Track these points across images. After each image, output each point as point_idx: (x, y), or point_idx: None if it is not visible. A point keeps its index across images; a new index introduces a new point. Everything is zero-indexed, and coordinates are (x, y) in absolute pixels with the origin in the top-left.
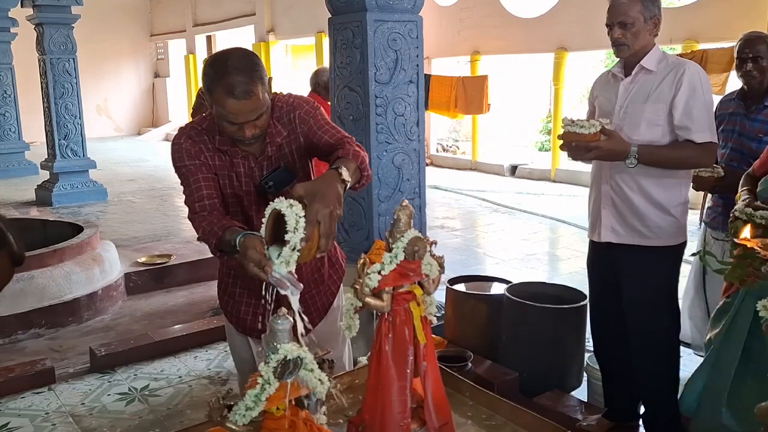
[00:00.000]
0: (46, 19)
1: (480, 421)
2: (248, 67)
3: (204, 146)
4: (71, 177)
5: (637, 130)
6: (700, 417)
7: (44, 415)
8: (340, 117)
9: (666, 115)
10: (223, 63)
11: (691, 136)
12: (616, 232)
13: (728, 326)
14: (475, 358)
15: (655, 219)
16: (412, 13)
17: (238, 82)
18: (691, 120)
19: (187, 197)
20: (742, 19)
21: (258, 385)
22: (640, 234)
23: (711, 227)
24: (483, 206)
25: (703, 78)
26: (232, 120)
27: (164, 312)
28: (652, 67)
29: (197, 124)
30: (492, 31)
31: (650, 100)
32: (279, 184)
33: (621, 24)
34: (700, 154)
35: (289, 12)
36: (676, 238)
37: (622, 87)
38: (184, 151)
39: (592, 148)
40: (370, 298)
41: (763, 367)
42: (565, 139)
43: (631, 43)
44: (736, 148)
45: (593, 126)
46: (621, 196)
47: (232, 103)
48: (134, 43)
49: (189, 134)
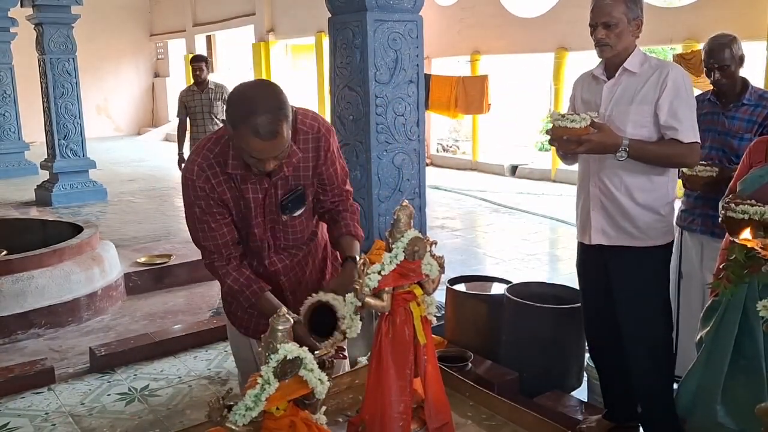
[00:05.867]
0: (45, 19)
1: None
2: (275, 107)
3: (215, 179)
4: (71, 177)
5: (623, 131)
6: (695, 417)
7: (44, 415)
8: (340, 117)
9: (651, 116)
10: (250, 101)
11: (677, 136)
12: (607, 234)
13: (718, 324)
14: (475, 358)
15: (645, 219)
16: (412, 13)
17: (265, 122)
18: (678, 120)
19: (201, 240)
20: (742, 19)
21: (258, 385)
22: (630, 235)
23: (689, 230)
24: (483, 206)
25: (686, 79)
26: (255, 156)
27: (164, 312)
28: (635, 69)
29: (209, 150)
30: (492, 31)
31: (635, 101)
32: (294, 207)
33: (605, 24)
34: (686, 152)
35: (289, 12)
36: (665, 237)
37: (606, 89)
38: (198, 189)
39: (583, 142)
40: (370, 298)
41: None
42: (555, 134)
43: (615, 43)
44: (716, 147)
45: (584, 120)
46: (609, 197)
47: (257, 142)
48: (134, 43)
49: (201, 167)
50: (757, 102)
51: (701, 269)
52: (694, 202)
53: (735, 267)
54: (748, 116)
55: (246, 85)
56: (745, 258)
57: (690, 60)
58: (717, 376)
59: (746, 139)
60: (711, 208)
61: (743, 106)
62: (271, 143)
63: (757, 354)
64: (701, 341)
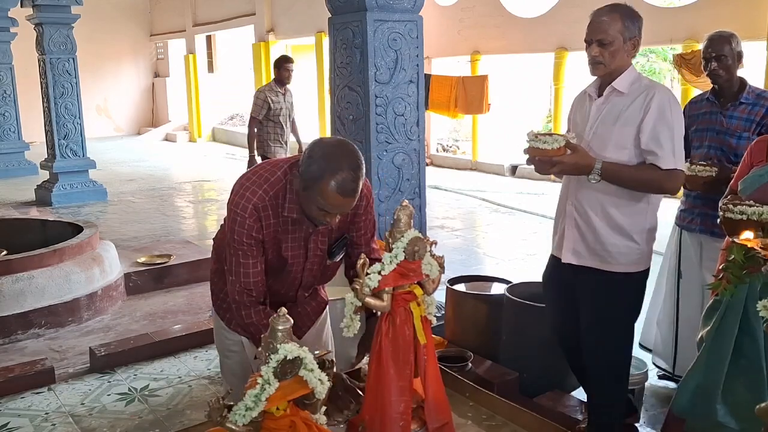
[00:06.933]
0: (45, 19)
1: (480, 421)
2: (357, 166)
3: (266, 221)
4: (71, 177)
5: (604, 151)
6: (695, 416)
7: (44, 415)
8: (340, 117)
9: (634, 138)
10: (336, 158)
11: (657, 162)
12: (578, 254)
13: (718, 324)
14: (475, 358)
15: (617, 244)
16: (412, 13)
17: (348, 180)
18: (658, 145)
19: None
20: (742, 19)
21: (258, 385)
22: (601, 258)
23: (688, 230)
24: (483, 206)
25: (672, 103)
26: (329, 210)
27: (164, 312)
28: (623, 89)
29: (265, 192)
30: (492, 31)
31: (619, 122)
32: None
33: (600, 42)
34: (664, 179)
35: (289, 12)
36: (638, 265)
37: (594, 107)
38: (249, 229)
39: (555, 163)
40: (370, 298)
41: (756, 363)
42: (529, 153)
43: (608, 62)
44: (714, 146)
45: (556, 141)
46: (584, 218)
47: (338, 199)
48: (134, 43)
49: (256, 207)
50: (755, 101)
51: (700, 269)
52: (694, 201)
53: (734, 267)
54: (747, 115)
55: (328, 142)
56: (744, 258)
57: (690, 60)
58: (717, 376)
59: (745, 138)
60: (710, 207)
61: (741, 105)
62: (350, 200)
63: (758, 354)
64: (702, 341)
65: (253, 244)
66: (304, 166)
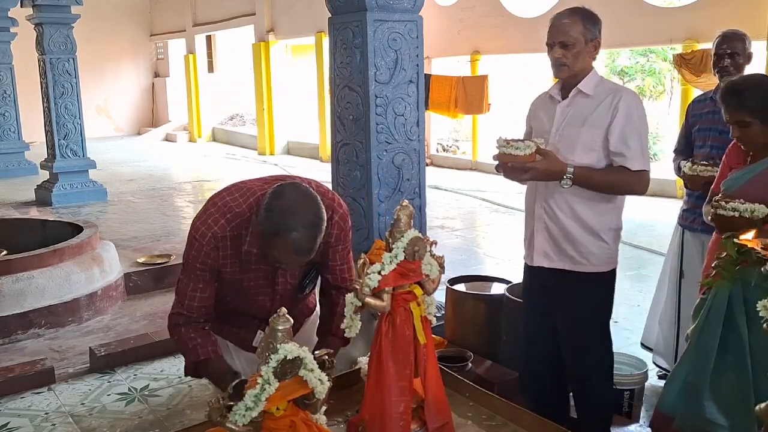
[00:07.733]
0: (45, 19)
1: (480, 421)
2: (314, 224)
3: (224, 251)
4: (71, 177)
5: (572, 153)
6: (684, 414)
7: (44, 415)
8: (339, 117)
9: (602, 141)
10: (291, 215)
11: (626, 163)
12: (549, 256)
13: (703, 321)
14: (475, 358)
15: (587, 244)
16: (412, 13)
17: (303, 240)
18: (627, 147)
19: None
20: (742, 19)
21: (258, 385)
22: (571, 259)
23: (690, 229)
24: (483, 206)
25: (638, 105)
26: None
27: (164, 312)
28: (589, 91)
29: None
30: (492, 31)
31: (587, 124)
32: (311, 284)
33: (562, 44)
34: (634, 181)
35: (289, 12)
36: (607, 264)
37: (559, 109)
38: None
39: (528, 169)
40: (370, 298)
41: (741, 359)
42: (501, 160)
43: (572, 64)
44: (717, 146)
45: (528, 147)
46: (554, 219)
47: (293, 257)
48: (134, 43)
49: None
50: None
51: (702, 268)
52: (696, 201)
53: (727, 263)
54: None
55: (288, 195)
56: (737, 254)
57: (690, 60)
58: (704, 372)
59: None
60: None
61: None
62: (305, 257)
63: (743, 350)
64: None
65: (206, 270)
66: (262, 217)
